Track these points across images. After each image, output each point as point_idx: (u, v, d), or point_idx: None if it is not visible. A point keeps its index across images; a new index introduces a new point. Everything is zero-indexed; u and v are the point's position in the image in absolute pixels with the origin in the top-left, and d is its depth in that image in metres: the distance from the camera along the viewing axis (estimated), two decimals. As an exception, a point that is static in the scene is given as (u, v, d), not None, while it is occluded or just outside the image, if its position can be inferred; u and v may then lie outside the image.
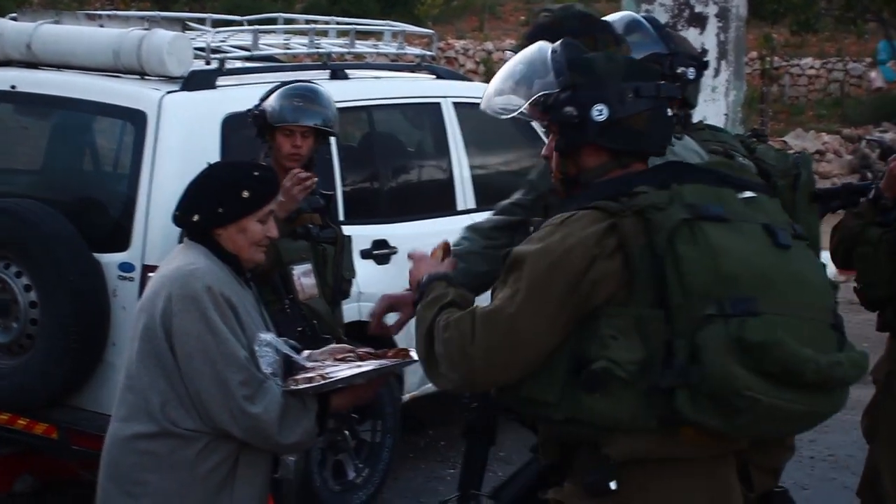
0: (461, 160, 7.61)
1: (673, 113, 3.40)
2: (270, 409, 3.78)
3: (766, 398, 2.98)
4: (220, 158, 5.97)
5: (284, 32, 7.80)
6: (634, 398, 3.04)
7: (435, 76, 8.07)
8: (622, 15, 4.33)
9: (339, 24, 8.07)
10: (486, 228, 4.37)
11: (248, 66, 6.95)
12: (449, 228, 4.53)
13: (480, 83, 9.46)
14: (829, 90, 28.88)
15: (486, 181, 7.64)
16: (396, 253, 6.90)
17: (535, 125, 3.89)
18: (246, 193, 3.94)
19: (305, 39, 7.39)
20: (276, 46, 7.42)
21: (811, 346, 3.02)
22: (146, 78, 6.33)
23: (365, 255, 6.72)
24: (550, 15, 4.06)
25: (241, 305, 3.89)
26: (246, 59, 6.97)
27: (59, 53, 6.62)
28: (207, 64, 6.55)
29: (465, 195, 7.54)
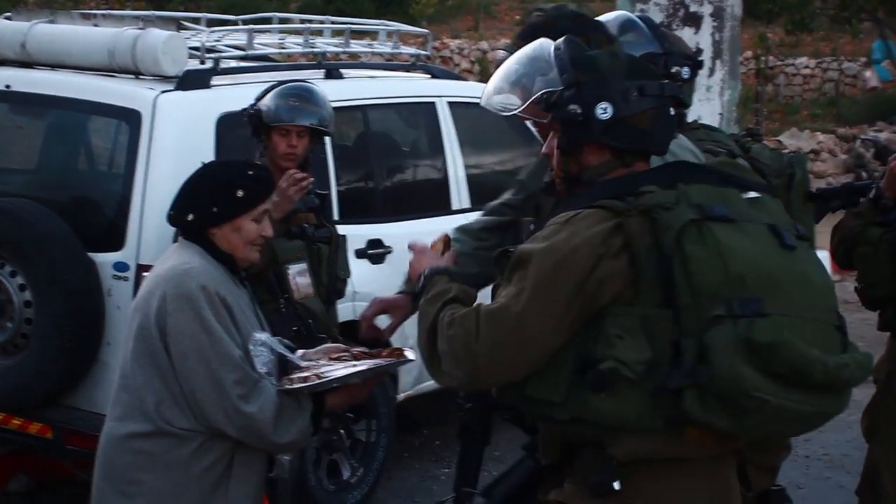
0: (456, 160, 7.61)
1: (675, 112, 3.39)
2: (265, 408, 3.78)
3: (774, 399, 2.98)
4: (214, 158, 5.96)
5: (279, 32, 7.79)
6: (641, 398, 3.04)
7: (430, 76, 8.06)
8: (616, 14, 4.32)
9: (333, 23, 8.06)
10: (475, 229, 4.34)
11: (242, 65, 6.94)
12: (444, 228, 4.50)
13: (475, 83, 9.48)
14: (823, 90, 28.90)
15: (480, 180, 7.63)
16: (391, 252, 6.91)
17: (528, 124, 3.87)
18: (240, 192, 3.95)
19: (300, 39, 7.39)
20: (270, 46, 7.41)
21: (817, 347, 3.02)
22: (141, 77, 6.32)
23: (360, 254, 6.72)
24: (543, 14, 4.05)
25: (235, 305, 3.90)
26: (241, 58, 6.96)
27: (53, 53, 6.61)
28: (202, 63, 6.55)
29: (459, 195, 7.54)
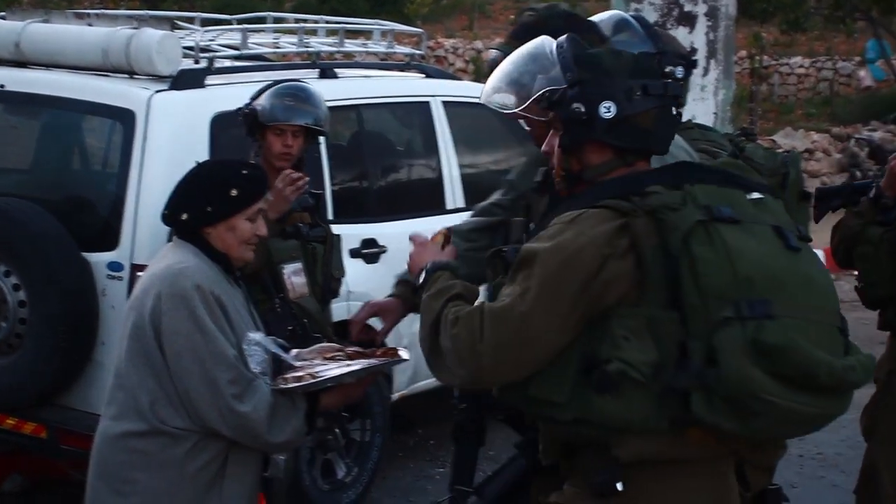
0: (450, 159, 7.61)
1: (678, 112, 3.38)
2: (259, 407, 3.78)
3: (781, 401, 2.97)
4: (208, 157, 5.95)
5: (273, 31, 7.80)
6: (647, 400, 3.02)
7: (424, 75, 8.06)
8: (611, 14, 4.32)
9: (328, 23, 8.06)
10: (465, 230, 4.32)
11: (237, 65, 6.94)
12: (438, 228, 4.50)
13: (470, 82, 9.48)
14: (818, 89, 28.89)
15: (475, 180, 7.63)
16: (385, 252, 6.91)
17: (520, 122, 3.85)
18: (234, 192, 3.95)
19: (295, 38, 7.39)
20: (265, 45, 7.42)
21: (821, 348, 3.02)
22: (135, 77, 6.32)
23: (354, 254, 6.72)
24: (535, 14, 4.04)
25: (230, 304, 3.89)
26: (235, 58, 6.96)
27: (47, 52, 6.61)
28: (196, 63, 6.55)
29: (454, 194, 7.54)
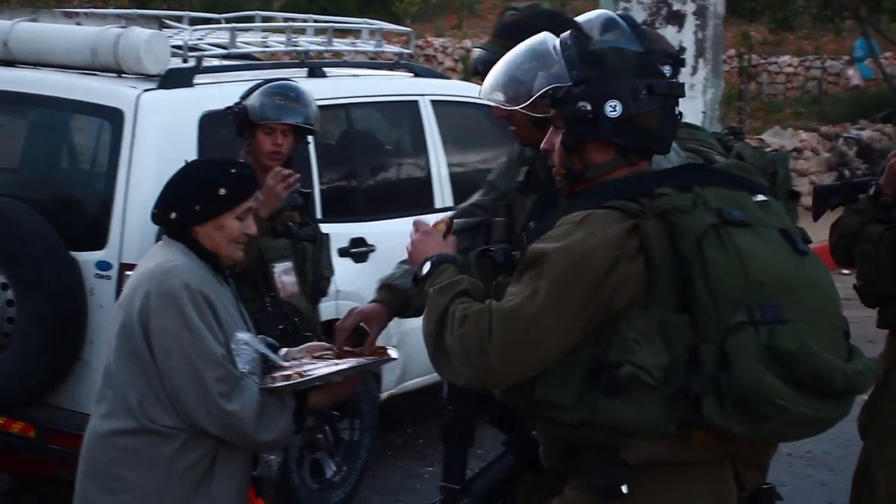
0: (439, 158, 7.61)
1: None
2: (247, 406, 3.78)
3: (794, 406, 2.97)
4: (197, 156, 5.94)
5: (262, 30, 7.79)
6: (657, 403, 2.99)
7: (413, 74, 8.06)
8: (598, 13, 4.31)
9: (316, 22, 8.05)
10: None
11: (225, 64, 6.94)
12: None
13: (459, 81, 9.48)
14: (806, 88, 28.87)
15: (463, 179, 7.63)
16: (374, 251, 6.91)
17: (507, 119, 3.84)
18: (223, 191, 3.95)
19: (283, 37, 7.39)
20: (253, 44, 7.41)
21: (829, 352, 3.01)
22: (123, 76, 6.32)
23: (343, 253, 6.72)
24: (518, 13, 4.02)
25: (219, 303, 3.90)
26: (223, 57, 6.96)
27: (36, 51, 6.60)
28: (185, 62, 6.54)
29: (442, 193, 7.54)
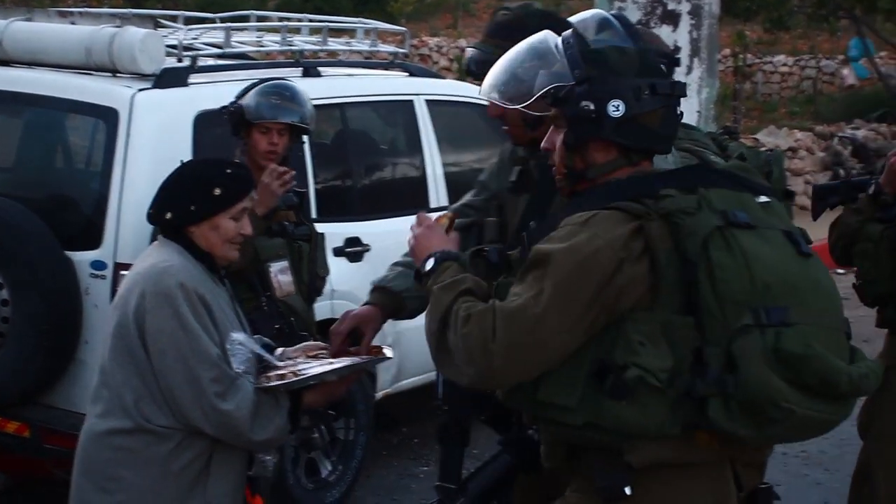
0: (434, 157, 7.61)
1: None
2: (242, 406, 3.78)
3: (799, 409, 2.95)
4: (191, 156, 5.95)
5: (257, 30, 7.79)
6: (663, 406, 2.97)
7: (408, 74, 8.06)
8: (593, 13, 4.28)
9: (311, 21, 8.06)
10: None
11: (220, 63, 6.93)
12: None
13: (454, 81, 9.48)
14: (801, 87, 28.89)
15: (458, 178, 7.62)
16: (369, 251, 6.91)
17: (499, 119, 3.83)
18: (218, 191, 3.95)
19: (278, 37, 7.39)
20: (248, 44, 7.41)
21: (834, 355, 3.00)
22: (118, 75, 6.31)
23: (337, 252, 6.72)
24: (510, 13, 4.01)
25: (214, 303, 3.90)
26: (218, 56, 6.96)
27: (30, 51, 6.60)
28: (179, 61, 6.54)
29: (437, 192, 7.54)
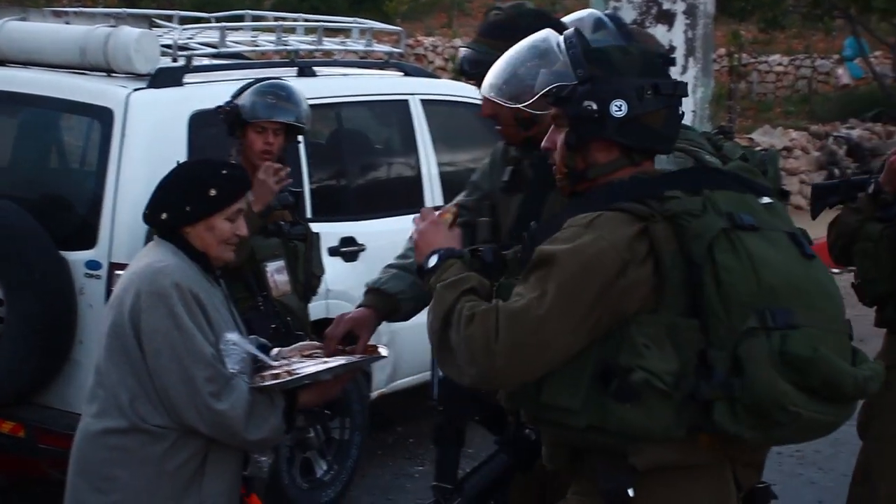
0: (429, 157, 7.61)
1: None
2: (237, 405, 3.79)
3: (805, 412, 2.95)
4: (186, 156, 5.95)
5: (252, 30, 7.79)
6: (668, 408, 2.96)
7: (403, 73, 8.06)
8: (588, 13, 4.29)
9: (306, 21, 8.05)
10: None
11: (215, 63, 6.94)
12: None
13: (449, 80, 9.48)
14: (796, 87, 28.92)
15: (453, 178, 7.63)
16: (364, 250, 6.91)
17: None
18: (213, 192, 3.95)
19: (273, 37, 7.39)
20: (243, 44, 7.41)
21: (839, 357, 3.00)
22: (113, 75, 6.31)
23: (332, 252, 6.72)
24: (503, 13, 4.01)
25: (209, 303, 3.90)
26: (213, 56, 6.96)
27: (25, 50, 6.59)
28: (174, 61, 6.54)
29: (432, 192, 7.54)
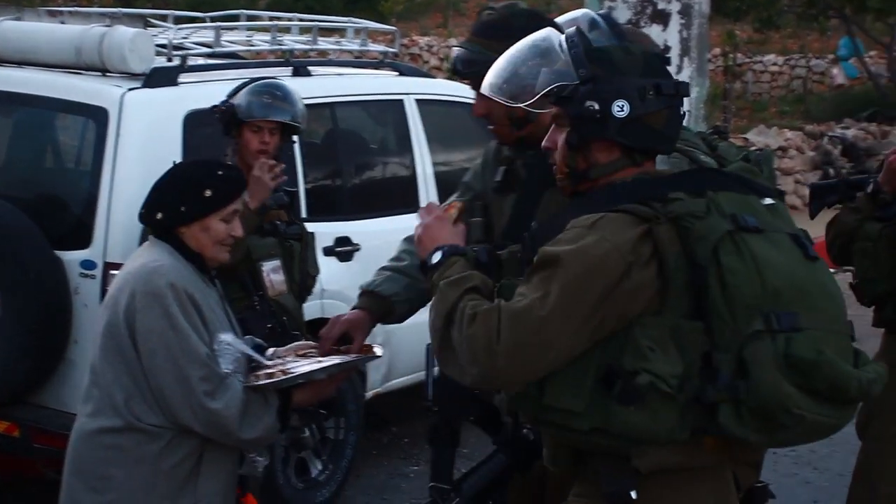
0: (424, 157, 7.61)
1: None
2: (231, 404, 3.79)
3: (810, 414, 2.94)
4: (181, 155, 5.96)
5: (247, 29, 7.79)
6: (672, 411, 2.95)
7: (398, 73, 8.06)
8: (583, 13, 4.29)
9: (301, 20, 8.05)
10: None
11: (210, 63, 6.93)
12: (412, 225, 4.51)
13: (444, 80, 9.47)
14: (791, 87, 28.93)
15: (448, 178, 7.62)
16: (359, 250, 6.91)
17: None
18: (208, 192, 3.96)
19: (268, 36, 7.39)
20: (238, 43, 7.40)
21: (842, 359, 2.99)
22: (108, 75, 6.31)
23: (328, 252, 6.72)
24: (496, 13, 4.01)
25: (204, 303, 3.91)
26: (208, 56, 6.95)
27: (20, 50, 6.59)
28: (169, 61, 6.54)
29: (427, 192, 7.54)
